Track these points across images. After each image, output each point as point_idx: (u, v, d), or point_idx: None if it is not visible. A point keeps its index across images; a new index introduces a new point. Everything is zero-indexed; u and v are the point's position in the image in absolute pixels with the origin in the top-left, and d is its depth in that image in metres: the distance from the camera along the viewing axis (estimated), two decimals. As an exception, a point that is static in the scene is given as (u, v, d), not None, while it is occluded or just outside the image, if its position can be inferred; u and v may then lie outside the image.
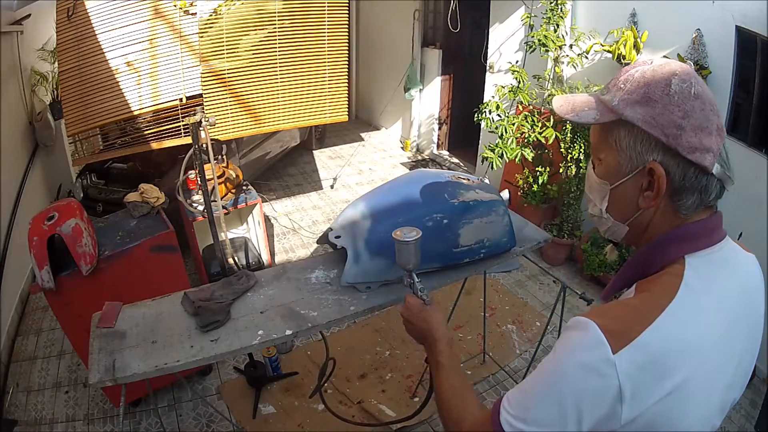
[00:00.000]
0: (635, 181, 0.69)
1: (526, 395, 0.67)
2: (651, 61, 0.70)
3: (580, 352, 0.61)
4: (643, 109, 0.66)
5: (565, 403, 0.61)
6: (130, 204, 2.33)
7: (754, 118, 2.55)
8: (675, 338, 0.60)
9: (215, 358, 1.38)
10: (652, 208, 0.69)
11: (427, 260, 1.60)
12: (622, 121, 0.68)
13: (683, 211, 0.68)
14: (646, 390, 0.59)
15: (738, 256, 0.72)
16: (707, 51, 2.64)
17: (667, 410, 0.60)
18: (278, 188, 4.95)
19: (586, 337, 0.60)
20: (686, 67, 0.68)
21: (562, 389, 0.62)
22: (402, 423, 2.09)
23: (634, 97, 0.67)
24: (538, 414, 0.64)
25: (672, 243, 0.68)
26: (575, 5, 3.48)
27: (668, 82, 0.66)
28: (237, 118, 3.20)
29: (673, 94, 0.65)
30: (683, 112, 0.64)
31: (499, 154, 3.28)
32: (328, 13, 3.22)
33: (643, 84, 0.67)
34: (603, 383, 0.59)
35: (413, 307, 0.99)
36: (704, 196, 0.67)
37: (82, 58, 2.88)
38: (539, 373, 0.66)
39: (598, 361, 0.59)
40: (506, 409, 0.68)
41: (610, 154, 0.71)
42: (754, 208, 2.50)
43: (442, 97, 5.56)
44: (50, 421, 2.38)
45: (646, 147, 0.67)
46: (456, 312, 2.39)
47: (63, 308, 2.03)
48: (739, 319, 0.68)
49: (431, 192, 1.60)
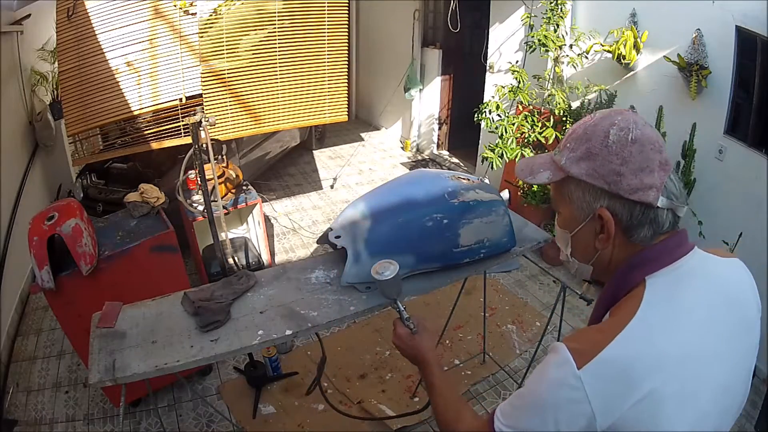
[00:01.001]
0: (589, 226, 0.78)
1: (514, 408, 0.76)
2: (594, 114, 0.78)
3: (552, 371, 0.70)
4: (586, 164, 0.75)
5: (545, 416, 0.69)
6: (130, 204, 2.33)
7: (754, 118, 2.54)
8: (636, 351, 0.66)
9: (215, 358, 1.38)
10: (609, 247, 0.77)
11: (427, 260, 1.60)
12: (571, 177, 0.77)
13: (639, 242, 0.76)
14: (615, 400, 0.65)
15: (709, 265, 0.77)
16: (707, 51, 2.64)
17: (643, 418, 0.65)
18: (278, 188, 4.95)
19: (557, 357, 0.69)
20: (626, 115, 0.74)
21: (541, 403, 0.70)
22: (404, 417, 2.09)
23: (578, 154, 0.76)
24: (523, 424, 0.73)
25: (633, 269, 0.75)
26: (575, 5, 3.47)
27: (607, 134, 0.73)
28: (237, 118, 3.20)
29: (611, 144, 0.73)
30: (621, 159, 0.72)
31: (499, 154, 3.28)
32: (328, 13, 3.22)
33: (584, 140, 0.75)
34: (573, 396, 0.66)
35: (402, 336, 1.10)
36: (656, 226, 0.74)
37: (82, 58, 2.88)
38: (524, 391, 0.75)
39: (566, 376, 0.67)
40: (499, 419, 0.76)
41: (566, 206, 0.80)
42: (754, 208, 2.50)
43: (442, 97, 5.56)
44: (50, 421, 2.38)
45: (593, 196, 0.75)
46: (456, 312, 2.39)
47: (63, 308, 2.03)
48: (717, 323, 0.72)
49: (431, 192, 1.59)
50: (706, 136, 2.71)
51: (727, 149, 2.67)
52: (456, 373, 2.67)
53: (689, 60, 2.67)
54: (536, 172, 0.82)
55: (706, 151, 2.73)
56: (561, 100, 3.28)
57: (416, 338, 1.09)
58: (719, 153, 2.71)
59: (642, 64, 3.10)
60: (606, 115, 0.76)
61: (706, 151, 2.73)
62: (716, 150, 2.72)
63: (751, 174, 2.52)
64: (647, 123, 0.75)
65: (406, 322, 1.13)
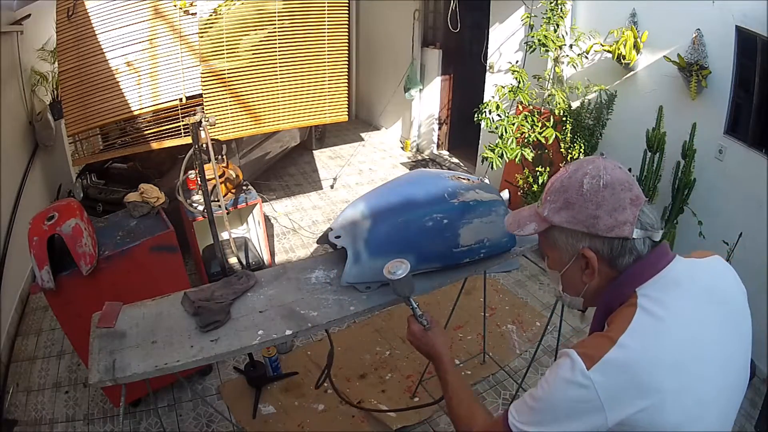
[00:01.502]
0: (575, 265, 0.87)
1: (528, 407, 0.81)
2: (568, 167, 0.87)
3: (564, 373, 0.76)
4: (565, 213, 0.84)
5: (559, 414, 0.76)
6: (130, 204, 2.33)
7: (754, 118, 2.54)
8: (637, 351, 0.74)
9: (215, 358, 1.38)
10: (595, 279, 0.86)
11: (427, 260, 1.60)
12: (554, 225, 0.86)
13: (622, 269, 0.84)
14: (623, 397, 0.72)
15: (691, 270, 0.85)
16: (707, 51, 2.64)
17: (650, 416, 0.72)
18: (278, 188, 4.95)
19: (567, 361, 0.76)
20: (597, 163, 0.83)
21: (555, 403, 0.77)
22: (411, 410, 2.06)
23: (558, 205, 0.85)
24: (537, 420, 0.79)
25: (623, 285, 0.83)
26: (575, 5, 3.47)
27: (581, 183, 0.82)
28: (237, 118, 3.20)
29: (585, 193, 0.82)
30: (596, 204, 0.81)
31: (499, 154, 3.28)
32: (328, 13, 3.21)
33: (562, 191, 0.85)
34: (584, 394, 0.73)
35: (416, 333, 1.16)
36: (636, 253, 0.83)
37: (82, 58, 2.88)
38: (538, 392, 0.81)
39: (577, 377, 0.74)
40: (513, 416, 0.83)
41: (553, 250, 0.90)
42: (754, 208, 2.50)
43: (442, 97, 5.56)
44: (50, 421, 2.38)
45: (575, 239, 0.85)
46: (456, 312, 2.39)
47: (63, 308, 2.03)
48: (707, 318, 0.79)
49: (431, 192, 1.59)
50: (706, 136, 2.71)
51: (727, 149, 2.67)
52: (456, 373, 2.67)
53: (689, 60, 2.67)
54: (523, 225, 0.92)
55: (706, 151, 2.74)
56: (561, 100, 3.28)
57: (430, 335, 1.14)
58: (719, 153, 2.71)
59: (642, 64, 3.10)
60: (579, 167, 0.85)
61: (706, 151, 2.73)
62: (716, 150, 2.72)
63: (751, 174, 2.52)
64: (617, 165, 0.84)
65: (419, 319, 1.17)
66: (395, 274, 1.19)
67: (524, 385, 2.33)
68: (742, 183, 2.61)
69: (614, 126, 3.26)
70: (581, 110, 3.34)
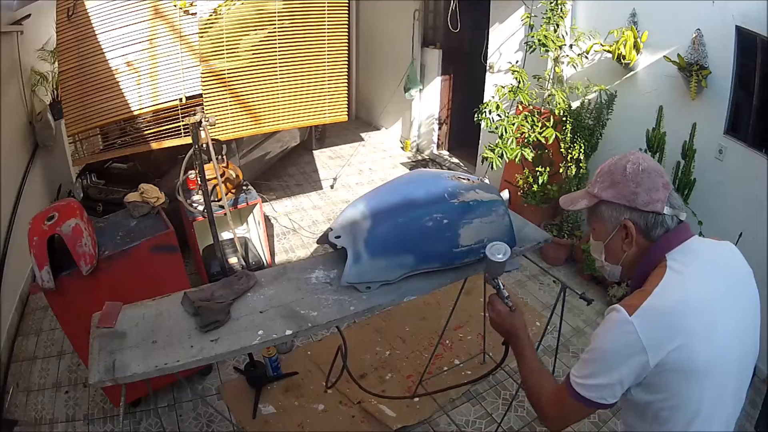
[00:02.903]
0: (617, 235, 1.06)
1: (584, 363, 0.99)
2: (613, 158, 1.07)
3: (610, 323, 0.95)
4: (612, 190, 1.03)
5: (609, 360, 0.94)
6: (130, 204, 2.33)
7: (754, 118, 2.54)
8: (670, 299, 0.92)
9: (215, 358, 1.38)
10: (633, 249, 1.05)
11: (427, 260, 1.60)
12: (602, 201, 1.05)
13: (653, 239, 1.02)
14: (661, 339, 0.90)
15: (708, 245, 1.05)
16: (707, 51, 2.64)
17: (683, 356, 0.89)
18: (278, 188, 4.95)
19: (613, 313, 0.95)
20: (637, 154, 1.05)
21: (605, 349, 0.95)
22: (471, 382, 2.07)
23: (606, 185, 1.05)
24: (594, 371, 0.96)
25: (655, 251, 1.02)
26: (575, 5, 3.47)
27: (624, 168, 1.02)
28: (237, 118, 3.20)
29: (628, 174, 1.01)
30: (636, 184, 1.01)
31: (499, 154, 3.28)
32: (328, 13, 3.22)
33: (609, 174, 1.05)
34: (629, 338, 0.91)
35: (502, 313, 1.24)
36: (665, 227, 1.02)
37: (82, 58, 2.88)
38: (590, 347, 0.98)
39: (622, 324, 0.92)
40: (573, 375, 1.00)
41: (599, 223, 1.08)
42: (754, 208, 2.50)
43: (442, 97, 5.56)
44: (50, 421, 2.38)
45: (618, 212, 1.04)
46: (456, 312, 2.39)
47: (63, 308, 2.03)
48: (721, 280, 0.98)
49: (431, 192, 1.60)
50: (706, 136, 2.71)
51: (727, 149, 2.67)
52: (456, 373, 2.67)
53: (689, 60, 2.67)
54: (575, 202, 1.11)
55: (706, 151, 2.73)
56: (561, 100, 3.28)
57: (514, 316, 1.24)
58: (719, 153, 2.71)
59: (642, 64, 3.10)
60: (623, 156, 1.05)
61: (706, 151, 2.73)
62: (716, 150, 2.72)
63: (751, 174, 2.52)
64: (651, 158, 1.05)
65: (506, 300, 1.25)
66: (496, 256, 1.23)
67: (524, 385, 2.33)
68: (742, 183, 2.61)
69: (614, 126, 3.25)
70: (581, 110, 3.34)
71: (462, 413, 2.47)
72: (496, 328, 1.27)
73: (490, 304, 1.27)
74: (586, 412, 1.02)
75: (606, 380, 0.94)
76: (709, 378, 0.92)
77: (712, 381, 0.92)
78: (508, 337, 1.25)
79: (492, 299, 1.28)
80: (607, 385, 0.95)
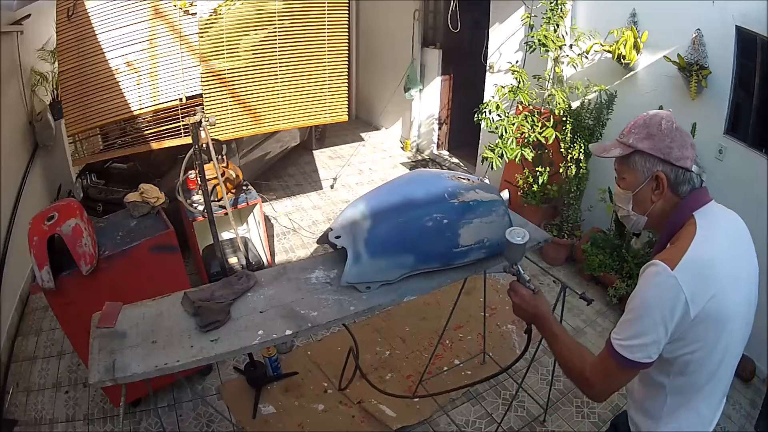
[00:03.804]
0: (648, 186, 1.12)
1: (628, 324, 1.02)
2: (647, 113, 1.14)
3: (653, 278, 1.00)
4: (648, 142, 1.09)
5: (654, 315, 0.98)
6: (130, 204, 2.33)
7: (754, 118, 2.54)
8: (704, 253, 1.00)
9: (215, 358, 1.39)
10: (660, 201, 1.12)
11: (427, 260, 1.60)
12: (636, 151, 1.11)
13: (680, 195, 1.10)
14: (700, 290, 0.97)
15: (723, 210, 1.14)
16: (707, 51, 2.64)
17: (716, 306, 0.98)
18: (278, 188, 4.95)
19: (654, 268, 1.00)
20: (669, 114, 1.12)
21: (650, 304, 0.99)
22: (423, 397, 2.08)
23: (641, 136, 1.11)
24: (639, 329, 1.00)
25: (681, 211, 1.10)
26: (575, 5, 3.47)
27: (660, 123, 1.10)
28: (237, 118, 3.20)
29: (663, 129, 1.09)
30: (670, 139, 1.08)
31: (499, 154, 3.28)
32: (328, 13, 3.22)
33: (644, 127, 1.11)
34: (673, 291, 0.97)
35: (525, 296, 1.27)
36: (691, 184, 1.10)
37: (82, 58, 2.88)
38: (630, 306, 1.02)
39: (666, 278, 0.98)
40: (616, 339, 1.03)
41: (631, 172, 1.14)
42: (755, 208, 2.50)
43: (442, 97, 5.56)
44: (50, 421, 2.38)
45: (651, 163, 1.10)
46: (456, 312, 2.39)
47: (63, 308, 2.03)
48: (737, 242, 1.10)
49: (431, 192, 1.60)
50: (706, 136, 2.70)
51: (727, 149, 2.67)
52: (456, 373, 2.67)
53: (689, 60, 2.67)
54: (609, 150, 1.15)
55: (706, 151, 2.73)
56: (561, 100, 3.28)
57: (537, 298, 1.26)
58: (719, 153, 2.71)
59: (642, 64, 3.10)
60: (655, 113, 1.13)
61: (706, 151, 2.73)
62: (716, 150, 2.71)
63: (751, 174, 2.52)
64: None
65: (527, 284, 1.28)
66: (516, 239, 1.24)
67: (524, 385, 2.33)
68: (742, 183, 2.61)
69: (614, 126, 3.25)
70: (581, 110, 3.34)
71: (462, 413, 2.46)
72: (520, 313, 1.28)
73: (512, 290, 1.29)
74: (632, 375, 1.07)
75: (651, 338, 0.99)
76: (733, 325, 1.02)
77: (732, 328, 1.03)
78: (533, 321, 1.27)
79: (513, 285, 1.29)
80: (652, 343, 0.99)
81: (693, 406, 1.11)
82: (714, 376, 1.07)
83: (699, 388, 1.08)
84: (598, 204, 3.35)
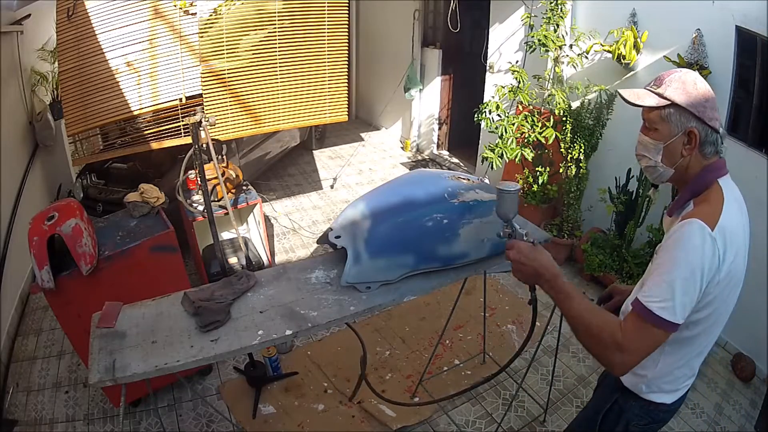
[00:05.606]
0: (679, 139, 1.13)
1: (665, 283, 1.02)
2: (680, 69, 1.14)
3: (696, 236, 1.02)
4: (685, 97, 1.10)
5: (696, 271, 1.01)
6: (130, 204, 2.33)
7: (754, 118, 2.54)
8: (730, 222, 1.05)
9: (215, 358, 1.38)
10: (688, 156, 1.13)
11: (427, 260, 1.60)
12: (672, 104, 1.11)
13: (706, 155, 1.14)
14: (727, 251, 1.03)
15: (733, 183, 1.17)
16: (707, 51, 2.64)
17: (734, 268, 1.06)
18: (278, 188, 4.95)
19: (694, 226, 1.02)
20: (697, 73, 1.14)
21: (692, 261, 1.01)
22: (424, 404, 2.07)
23: (679, 91, 1.11)
24: (681, 290, 1.01)
25: (708, 174, 1.13)
26: (575, 5, 3.47)
27: (695, 81, 1.12)
28: (237, 118, 3.20)
29: (699, 88, 1.11)
30: (705, 98, 1.10)
31: (499, 154, 3.28)
32: (328, 13, 3.21)
33: (681, 82, 1.12)
34: (714, 250, 1.01)
35: (524, 249, 1.18)
36: (716, 146, 1.14)
37: (82, 58, 2.88)
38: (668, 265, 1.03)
39: (708, 236, 1.01)
40: (653, 300, 1.02)
41: (664, 124, 1.13)
42: (754, 208, 2.49)
43: (442, 97, 5.56)
44: (50, 421, 2.38)
45: (686, 118, 1.11)
46: (456, 312, 2.39)
47: (63, 308, 2.03)
48: (744, 212, 1.15)
49: (431, 192, 1.60)
50: (706, 136, 2.70)
51: (727, 149, 2.65)
52: (456, 373, 2.67)
53: (689, 60, 2.67)
54: (643, 98, 1.14)
55: (706, 151, 2.73)
56: (561, 100, 3.28)
57: (537, 250, 1.18)
58: (719, 153, 2.71)
59: (642, 64, 3.10)
60: (686, 71, 1.14)
61: (706, 151, 2.73)
62: (716, 150, 2.72)
63: (751, 174, 2.52)
64: None
65: (525, 238, 1.20)
66: (509, 187, 1.19)
67: (524, 385, 2.33)
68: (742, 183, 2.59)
69: (614, 126, 3.25)
70: (581, 110, 3.34)
71: (462, 413, 2.46)
72: (522, 272, 1.18)
73: (509, 248, 1.19)
74: (665, 338, 1.04)
75: (691, 297, 1.01)
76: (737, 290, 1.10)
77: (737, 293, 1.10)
78: (538, 280, 1.16)
79: (510, 243, 1.20)
80: (689, 303, 1.01)
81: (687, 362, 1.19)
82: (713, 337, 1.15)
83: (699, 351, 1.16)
84: (598, 204, 3.35)
